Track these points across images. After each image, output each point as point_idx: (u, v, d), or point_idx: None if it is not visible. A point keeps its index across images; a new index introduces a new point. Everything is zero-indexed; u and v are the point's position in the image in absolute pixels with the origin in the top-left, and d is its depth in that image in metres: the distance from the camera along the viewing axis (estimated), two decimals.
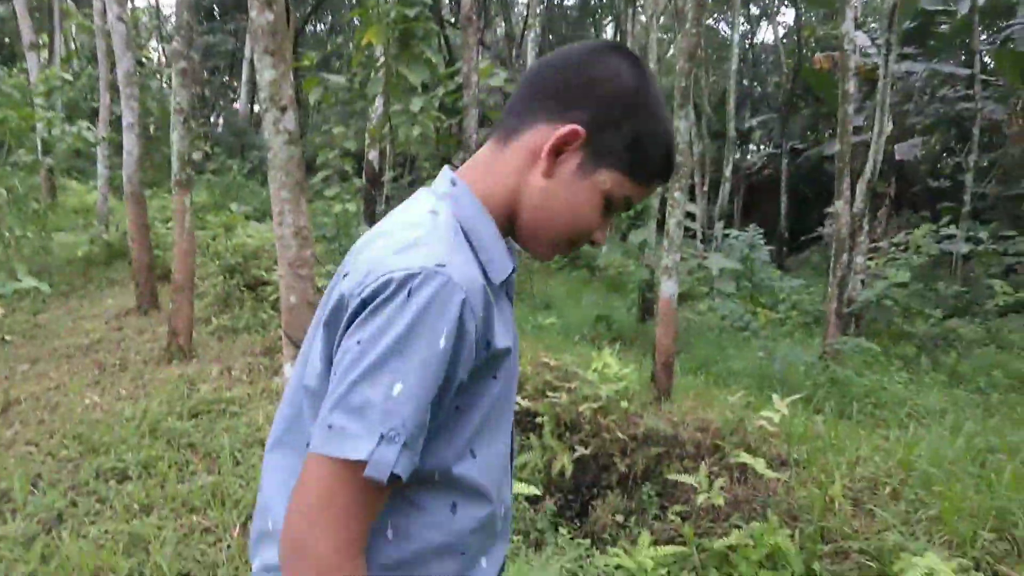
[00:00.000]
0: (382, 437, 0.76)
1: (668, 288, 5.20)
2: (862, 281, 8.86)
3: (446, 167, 0.96)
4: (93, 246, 9.36)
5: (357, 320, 0.79)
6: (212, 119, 24.18)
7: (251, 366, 5.35)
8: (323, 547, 0.76)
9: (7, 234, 6.95)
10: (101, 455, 3.64)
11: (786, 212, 16.58)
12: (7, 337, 5.99)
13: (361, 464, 0.76)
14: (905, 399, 5.94)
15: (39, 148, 9.50)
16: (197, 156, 15.18)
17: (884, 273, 7.72)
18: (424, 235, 0.83)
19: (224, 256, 8.24)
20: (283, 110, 2.81)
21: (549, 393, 4.85)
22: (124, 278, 8.41)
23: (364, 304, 0.79)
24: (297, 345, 2.76)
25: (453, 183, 0.92)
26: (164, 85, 15.51)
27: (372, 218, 9.70)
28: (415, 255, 0.79)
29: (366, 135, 9.48)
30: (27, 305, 7.16)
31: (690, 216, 8.00)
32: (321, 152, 10.26)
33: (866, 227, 9.18)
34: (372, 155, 10.02)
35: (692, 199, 13.88)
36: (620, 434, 4.42)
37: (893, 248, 9.22)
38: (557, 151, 0.88)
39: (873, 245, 11.04)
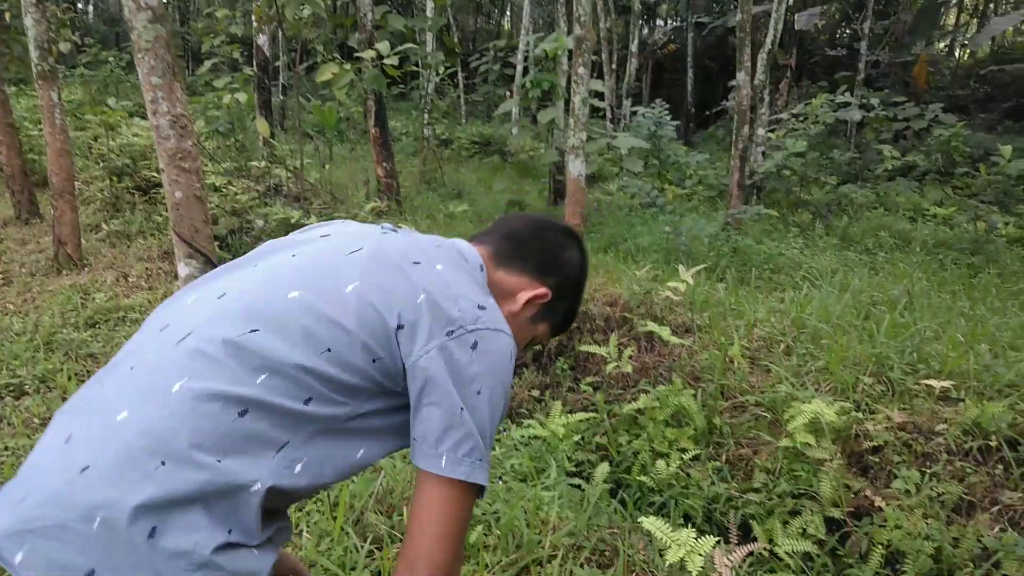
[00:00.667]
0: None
1: (575, 167, 5.21)
2: (763, 153, 9.12)
3: (466, 243, 1.14)
4: None
5: (466, 349, 0.91)
6: (80, 5, 21.76)
7: (149, 271, 5.10)
8: (456, 566, 0.90)
9: None
10: None
11: (692, 87, 16.65)
12: None
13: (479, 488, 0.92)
14: (800, 263, 6.29)
15: None
16: (65, 48, 13.70)
17: (783, 144, 7.95)
18: (493, 303, 1.01)
19: (109, 157, 7.66)
20: None
21: None
22: None
23: (471, 340, 0.92)
24: (188, 243, 2.63)
25: (482, 268, 1.10)
26: None
27: (268, 108, 9.15)
28: (500, 318, 0.99)
29: (252, 18, 8.77)
30: None
31: (598, 95, 7.92)
32: (206, 39, 9.46)
33: (767, 99, 9.36)
34: (262, 40, 9.32)
35: (599, 77, 13.70)
36: None
37: (792, 119, 9.46)
38: (530, 302, 1.14)
39: (775, 117, 11.31)
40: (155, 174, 7.11)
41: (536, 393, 4.12)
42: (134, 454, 0.79)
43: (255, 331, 0.87)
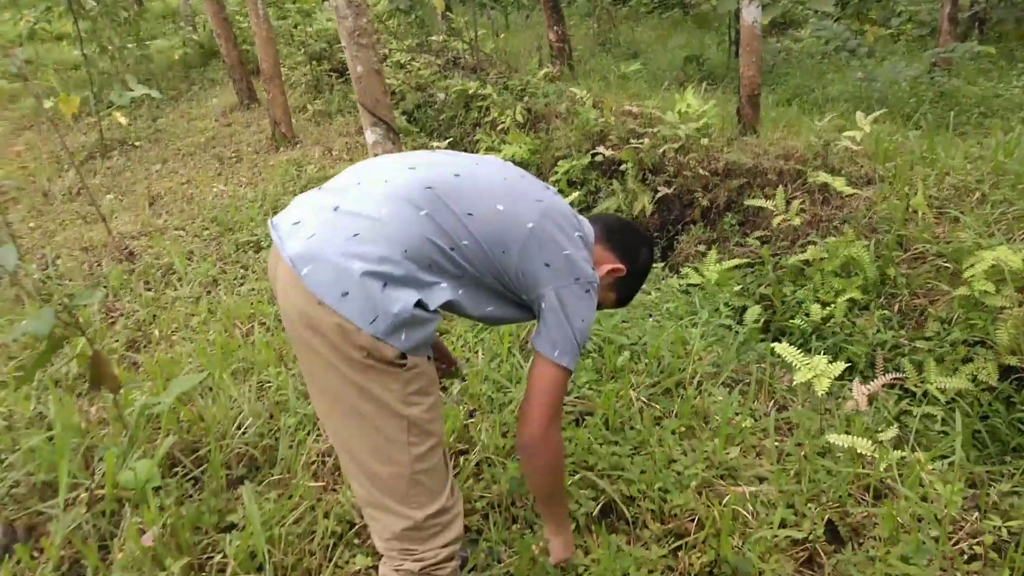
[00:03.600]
0: None
1: (750, 13, 4.91)
2: None
3: (591, 228, 1.55)
4: (186, 48, 9.67)
5: (572, 288, 1.40)
6: None
7: (348, 145, 5.70)
8: (557, 434, 1.44)
9: (109, 46, 7.32)
10: (236, 232, 4.21)
11: None
12: (136, 143, 6.61)
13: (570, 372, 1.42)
14: (1022, 104, 5.57)
15: None
16: None
17: None
18: (591, 269, 1.46)
19: (308, 43, 8.35)
20: None
21: (632, 140, 4.94)
22: (222, 76, 8.77)
23: (587, 287, 1.42)
24: (371, 112, 2.99)
25: (587, 246, 1.50)
26: None
27: None
28: (592, 271, 1.45)
29: None
30: (144, 112, 7.73)
31: None
32: None
33: None
34: None
35: None
36: (701, 171, 4.52)
37: None
38: (610, 272, 1.56)
39: None
40: None
41: (703, 248, 4.21)
42: (392, 238, 1.26)
43: (471, 215, 1.34)
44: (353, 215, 1.30)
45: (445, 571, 1.38)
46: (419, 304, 1.26)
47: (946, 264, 3.42)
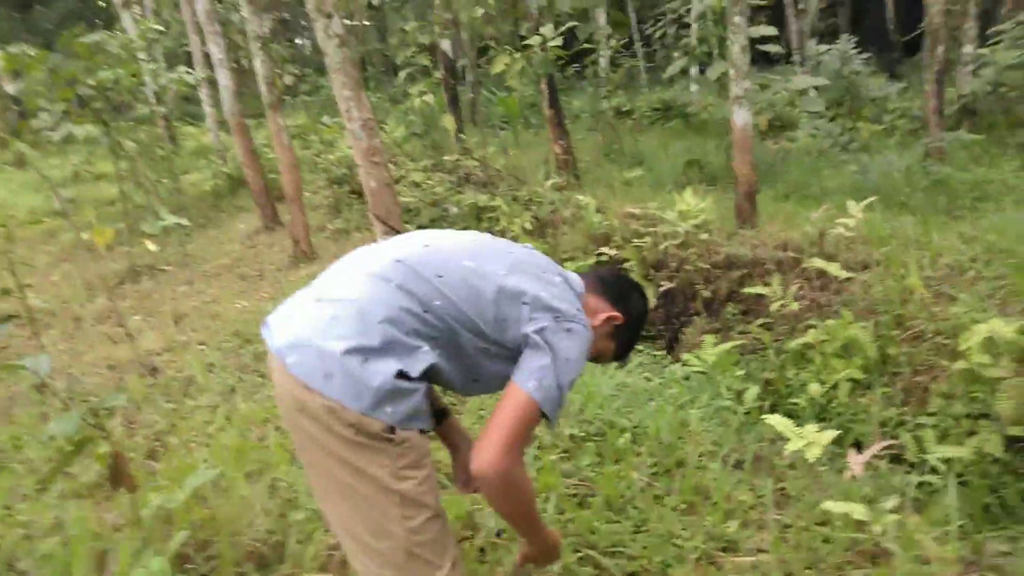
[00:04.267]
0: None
1: (740, 117, 5.22)
2: (973, 72, 8.22)
3: (579, 279, 1.59)
4: (216, 180, 10.30)
5: (553, 326, 1.40)
6: (299, 41, 24.66)
7: None
8: (515, 467, 1.35)
9: (144, 182, 7.87)
10: (255, 344, 4.38)
11: (894, 11, 15.10)
12: (165, 267, 6.96)
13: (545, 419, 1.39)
14: (1014, 187, 5.72)
15: (152, 100, 10.40)
16: (289, 80, 15.86)
17: (992, 59, 7.14)
18: (583, 314, 1.49)
19: (330, 169, 8.89)
20: (329, 16, 3.13)
21: (635, 240, 5.13)
22: (248, 204, 9.28)
23: (567, 327, 1.42)
24: (383, 222, 3.21)
25: (582, 293, 1.57)
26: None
27: (456, 107, 9.94)
28: (586, 320, 1.47)
29: (434, 27, 9.59)
30: (174, 239, 8.15)
31: (771, 39, 7.66)
32: (399, 53, 10.53)
33: (974, 10, 8.39)
34: (445, 45, 10.15)
35: (778, 21, 12.96)
36: (702, 264, 4.67)
37: (1018, 26, 8.39)
38: (606, 320, 1.58)
39: (995, 29, 10.01)
40: None
41: (705, 338, 4.29)
42: (365, 312, 1.34)
43: (440, 276, 1.41)
44: (331, 301, 1.39)
45: None
46: (401, 374, 1.31)
47: (945, 341, 3.46)
